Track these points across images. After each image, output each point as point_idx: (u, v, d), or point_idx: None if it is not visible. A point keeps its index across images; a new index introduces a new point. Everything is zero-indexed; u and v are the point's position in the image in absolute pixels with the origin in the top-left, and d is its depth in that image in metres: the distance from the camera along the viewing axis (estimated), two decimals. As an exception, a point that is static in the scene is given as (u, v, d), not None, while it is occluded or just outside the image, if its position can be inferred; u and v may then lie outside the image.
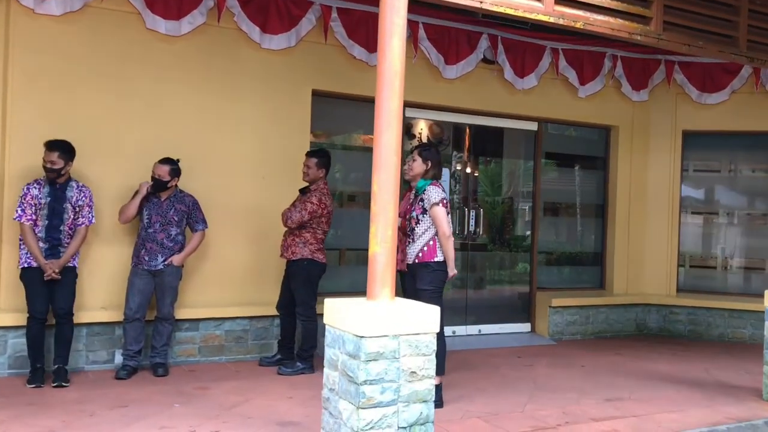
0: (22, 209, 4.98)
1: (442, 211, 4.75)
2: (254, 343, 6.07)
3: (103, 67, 5.58)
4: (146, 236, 5.39)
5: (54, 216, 5.06)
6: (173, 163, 5.45)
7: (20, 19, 5.30)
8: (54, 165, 5.01)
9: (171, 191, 5.48)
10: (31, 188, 5.03)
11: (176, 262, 5.44)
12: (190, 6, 5.73)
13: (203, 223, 5.58)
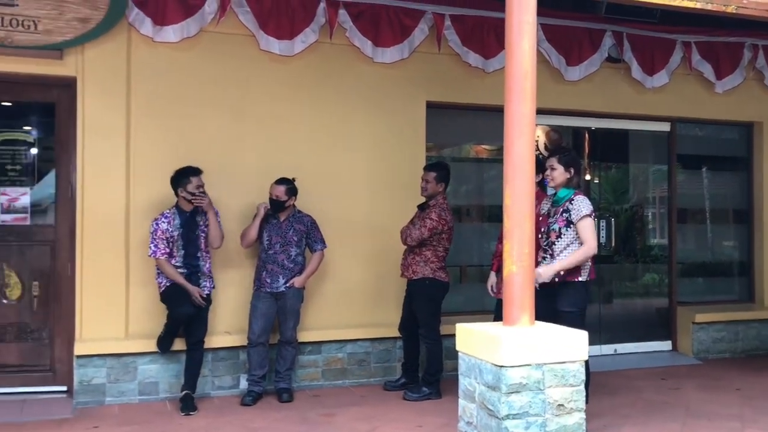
0: (155, 245, 5.00)
1: (591, 224, 4.35)
2: (377, 366, 5.86)
3: (219, 90, 5.59)
4: (267, 258, 5.31)
5: (189, 244, 5.09)
6: (289, 183, 5.36)
7: (140, 48, 5.39)
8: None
9: (289, 211, 5.38)
10: (160, 222, 5.04)
11: (298, 284, 5.32)
12: (302, 25, 5.64)
13: (322, 243, 5.45)
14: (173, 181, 5.11)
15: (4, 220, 5.33)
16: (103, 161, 5.27)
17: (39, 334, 5.35)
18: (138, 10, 5.26)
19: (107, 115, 5.28)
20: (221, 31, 5.52)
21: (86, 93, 5.25)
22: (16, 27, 4.98)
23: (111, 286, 5.24)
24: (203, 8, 5.38)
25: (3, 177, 5.41)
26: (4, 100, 5.52)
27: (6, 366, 5.28)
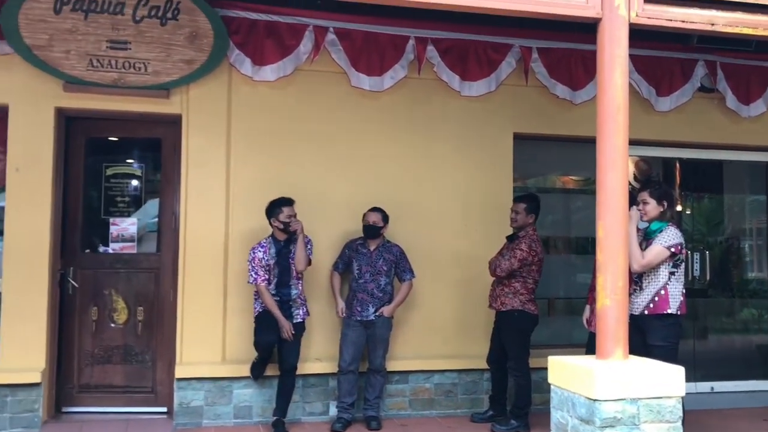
0: (255, 272, 5.18)
1: (661, 252, 4.27)
2: (464, 398, 5.86)
3: (312, 125, 5.82)
4: (357, 287, 5.44)
5: (283, 272, 5.25)
6: (383, 211, 5.50)
7: (240, 86, 5.69)
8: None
9: (379, 241, 5.51)
10: (256, 251, 5.23)
11: (387, 313, 5.41)
12: (392, 61, 5.82)
13: (411, 273, 5.54)
14: (267, 212, 5.30)
15: (114, 248, 5.70)
16: (205, 193, 5.57)
17: (143, 357, 5.65)
18: (239, 51, 5.57)
19: (209, 149, 5.59)
20: (314, 69, 5.77)
21: (190, 129, 5.58)
22: (129, 69, 5.38)
23: (210, 313, 5.49)
24: (299, 48, 5.65)
25: (113, 208, 5.80)
26: (116, 136, 5.95)
27: (112, 386, 5.60)
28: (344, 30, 5.74)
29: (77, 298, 5.59)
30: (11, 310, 5.21)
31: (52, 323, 5.39)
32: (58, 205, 5.48)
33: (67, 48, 5.24)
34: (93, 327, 5.58)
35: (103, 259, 5.69)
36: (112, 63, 5.33)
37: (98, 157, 5.83)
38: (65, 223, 5.57)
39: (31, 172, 5.30)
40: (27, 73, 5.27)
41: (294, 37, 5.65)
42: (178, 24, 5.40)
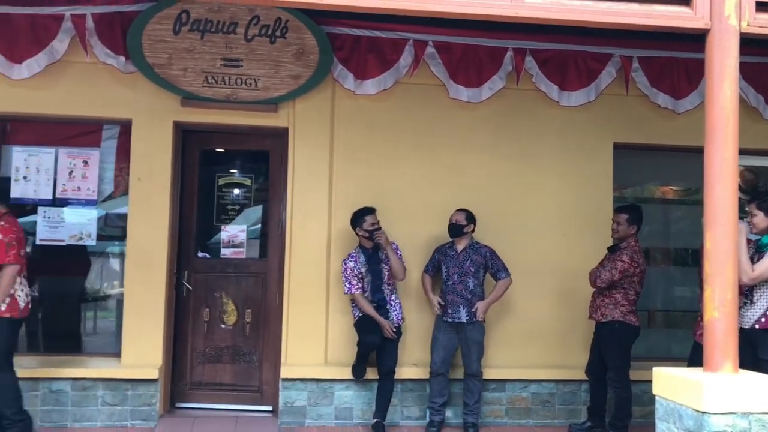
0: (348, 282, 5.40)
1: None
2: (561, 408, 5.84)
3: (411, 137, 5.98)
4: (446, 289, 5.53)
5: (375, 278, 5.44)
6: (469, 211, 5.58)
7: (342, 100, 5.93)
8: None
9: (466, 242, 5.54)
10: (348, 261, 5.44)
11: (480, 310, 5.43)
12: (490, 73, 5.91)
13: (505, 271, 5.53)
14: (352, 222, 5.49)
15: (224, 254, 6.03)
16: (309, 202, 5.82)
17: (250, 357, 5.94)
18: (342, 66, 5.80)
19: (313, 161, 5.85)
20: (413, 82, 5.93)
21: (296, 141, 5.86)
22: (240, 85, 5.70)
23: (313, 316, 5.73)
24: (399, 62, 5.82)
25: (224, 216, 6.14)
26: (228, 148, 6.30)
27: (221, 384, 5.92)
28: (443, 43, 5.87)
29: (191, 300, 5.96)
30: (132, 310, 5.61)
31: (168, 323, 5.76)
32: (175, 212, 5.86)
33: (185, 66, 5.62)
34: (205, 328, 5.93)
35: (215, 264, 6.04)
36: (226, 79, 5.67)
37: (211, 168, 6.20)
38: (181, 229, 5.95)
39: (152, 181, 5.70)
40: (148, 90, 5.67)
41: (395, 52, 5.83)
42: (286, 42, 5.68)
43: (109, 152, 5.88)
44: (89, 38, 5.45)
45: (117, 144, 5.89)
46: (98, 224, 5.93)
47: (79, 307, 6.99)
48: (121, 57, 5.52)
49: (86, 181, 5.78)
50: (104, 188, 5.90)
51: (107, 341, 6.35)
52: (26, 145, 5.76)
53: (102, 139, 5.88)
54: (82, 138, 5.85)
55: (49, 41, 5.40)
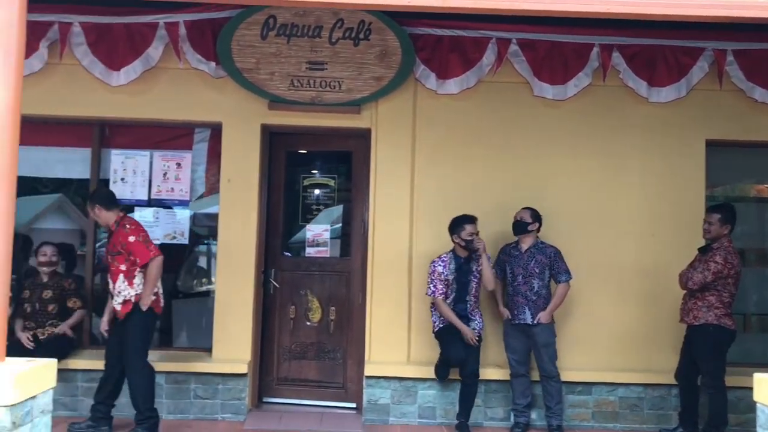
0: (433, 285, 5.30)
1: None
2: (650, 413, 5.68)
3: (494, 136, 5.94)
4: (512, 290, 5.45)
5: (461, 288, 5.35)
6: (533, 209, 5.47)
7: (424, 100, 5.95)
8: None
9: (531, 241, 5.44)
10: (437, 265, 5.33)
11: (543, 319, 5.32)
12: (576, 69, 5.81)
13: (566, 274, 5.39)
14: (450, 228, 5.39)
15: (309, 253, 6.16)
16: (391, 202, 5.87)
17: (334, 355, 6.05)
18: (424, 66, 5.83)
19: (395, 161, 5.90)
20: (496, 80, 5.89)
21: (378, 142, 5.92)
22: (325, 88, 5.81)
23: (395, 315, 5.78)
24: (482, 60, 5.80)
25: (309, 216, 6.28)
26: (312, 149, 6.43)
27: (307, 381, 6.05)
28: (527, 40, 5.81)
29: (277, 297, 6.11)
30: (223, 307, 5.81)
31: (257, 320, 5.93)
32: (262, 212, 6.02)
33: (272, 70, 5.76)
34: (291, 325, 6.07)
35: (300, 262, 6.17)
36: (311, 82, 5.79)
37: (296, 169, 6.35)
38: (268, 229, 6.11)
39: (240, 182, 5.88)
40: (237, 94, 5.85)
41: (477, 50, 5.81)
42: (370, 43, 5.75)
43: (200, 154, 6.10)
44: (182, 45, 5.67)
45: (208, 146, 6.10)
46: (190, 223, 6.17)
47: (170, 303, 7.30)
48: (211, 62, 5.72)
49: (179, 182, 6.02)
50: (196, 189, 6.12)
51: (197, 336, 6.60)
52: (123, 149, 6.05)
53: (194, 142, 6.11)
54: (175, 141, 6.10)
55: (144, 49, 5.66)
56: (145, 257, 4.91)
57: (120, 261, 4.97)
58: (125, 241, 4.93)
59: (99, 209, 5.06)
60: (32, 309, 5.60)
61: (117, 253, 4.98)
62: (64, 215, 9.54)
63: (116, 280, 4.98)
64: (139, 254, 4.91)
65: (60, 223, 9.49)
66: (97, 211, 5.06)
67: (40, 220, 9.39)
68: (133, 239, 4.93)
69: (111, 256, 5.04)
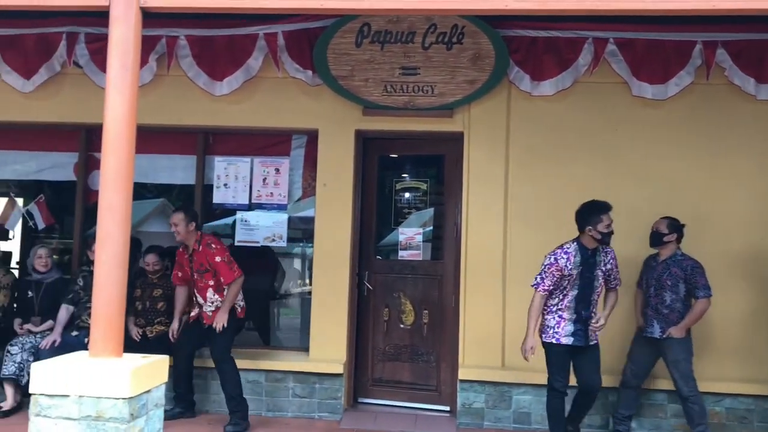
0: (542, 278, 4.70)
1: None
2: (761, 425, 5.41)
3: (589, 138, 5.83)
4: (645, 302, 5.26)
5: (585, 285, 4.72)
6: (674, 219, 5.19)
7: (518, 102, 5.91)
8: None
9: (669, 252, 5.18)
10: (559, 257, 4.67)
11: (675, 333, 5.06)
12: (677, 68, 5.62)
13: (704, 290, 5.05)
14: (583, 218, 4.76)
15: (402, 255, 6.22)
16: (484, 205, 5.86)
17: (427, 357, 6.08)
18: (518, 68, 5.79)
19: (489, 164, 5.88)
20: (592, 81, 5.79)
21: (471, 145, 5.92)
22: (418, 92, 5.87)
23: (489, 319, 5.76)
24: (577, 61, 5.71)
25: (401, 219, 6.34)
26: (404, 153, 6.51)
27: (400, 382, 6.10)
28: (625, 39, 5.68)
29: (371, 299, 6.21)
30: (319, 308, 5.96)
31: (351, 321, 6.04)
32: (357, 215, 6.14)
33: (366, 76, 5.87)
34: (384, 327, 6.15)
35: (394, 265, 6.25)
36: (404, 88, 5.86)
37: (388, 172, 6.44)
38: (362, 232, 6.22)
39: (336, 187, 6.02)
40: (333, 101, 6.00)
41: (573, 51, 5.72)
42: (463, 47, 5.77)
43: (297, 160, 6.29)
44: (280, 55, 5.87)
45: (304, 152, 6.28)
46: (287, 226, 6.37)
47: (268, 303, 7.57)
48: (308, 71, 5.89)
49: (278, 187, 6.22)
50: (293, 193, 6.31)
51: (293, 336, 6.80)
52: (226, 155, 6.31)
53: (291, 148, 6.30)
54: (274, 147, 6.31)
55: (245, 59, 5.90)
56: (228, 278, 5.32)
57: (208, 277, 5.41)
58: (212, 260, 5.34)
59: (190, 225, 5.40)
60: (143, 307, 5.92)
61: (205, 271, 5.41)
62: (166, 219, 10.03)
63: (206, 293, 5.43)
64: (224, 275, 5.33)
65: (163, 226, 9.97)
66: (188, 226, 5.38)
67: (144, 223, 9.93)
68: (219, 260, 5.33)
69: (198, 273, 5.44)
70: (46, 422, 3.33)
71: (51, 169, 6.52)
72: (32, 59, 6.04)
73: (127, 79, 3.60)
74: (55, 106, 6.23)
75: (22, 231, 7.36)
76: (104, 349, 3.51)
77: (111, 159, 3.55)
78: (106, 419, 3.30)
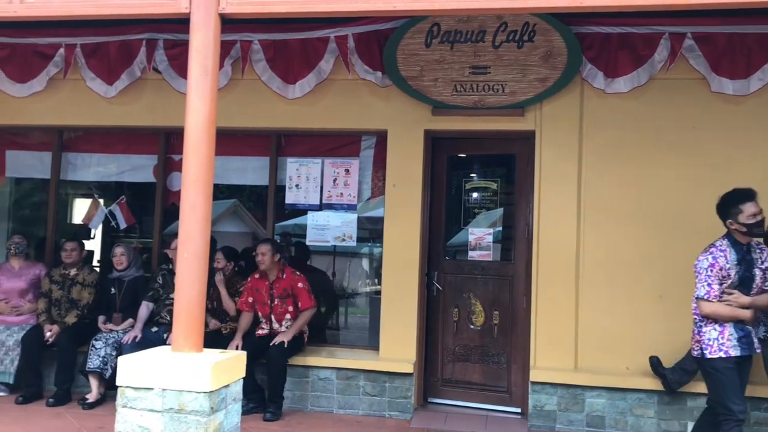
0: (709, 284, 4.07)
1: None
2: None
3: (666, 136, 5.67)
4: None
5: (742, 285, 4.14)
6: None
7: (591, 100, 5.80)
8: None
9: None
10: (716, 257, 4.11)
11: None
12: (760, 61, 5.41)
13: None
14: (720, 211, 4.34)
15: (472, 256, 6.20)
16: (557, 205, 5.77)
17: (498, 359, 6.03)
18: (591, 65, 5.68)
19: (561, 163, 5.79)
20: (668, 77, 5.63)
21: (543, 144, 5.84)
22: (488, 91, 5.83)
23: (561, 321, 5.67)
24: (653, 57, 5.56)
25: (470, 219, 6.32)
26: (474, 153, 6.48)
27: (470, 383, 6.08)
28: (703, 34, 5.50)
29: (441, 299, 6.21)
30: (388, 308, 5.99)
31: (421, 321, 6.05)
32: (426, 215, 6.15)
33: (435, 77, 5.88)
34: (454, 327, 6.14)
35: (463, 266, 6.22)
36: (474, 87, 5.83)
37: (458, 172, 6.42)
38: (431, 232, 6.22)
39: (405, 187, 6.04)
40: (402, 102, 6.03)
41: (648, 47, 5.58)
42: (534, 45, 5.70)
43: (367, 161, 6.35)
44: (350, 57, 5.94)
45: (374, 153, 6.34)
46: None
47: (337, 302, 7.67)
48: (378, 72, 5.94)
49: (348, 187, 6.30)
50: (362, 193, 6.37)
51: (361, 335, 6.86)
52: (297, 157, 6.43)
53: (361, 149, 6.37)
54: (344, 149, 6.39)
55: (317, 62, 5.99)
56: (306, 304, 5.82)
57: (288, 303, 5.85)
58: (295, 285, 5.83)
59: (276, 256, 5.83)
60: (211, 306, 6.07)
61: (287, 296, 5.84)
62: (238, 219, 10.28)
63: (283, 318, 5.85)
64: (302, 300, 5.82)
65: (234, 226, 10.24)
66: (273, 256, 5.81)
67: (217, 223, 10.20)
68: (302, 286, 5.83)
69: (280, 299, 5.84)
70: (132, 413, 3.48)
71: (131, 171, 6.80)
72: (114, 66, 6.29)
73: (207, 83, 3.72)
74: (136, 111, 6.48)
75: (103, 230, 7.67)
76: (185, 344, 3.63)
77: (192, 160, 3.67)
78: (188, 412, 3.41)
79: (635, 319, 5.57)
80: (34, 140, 7.02)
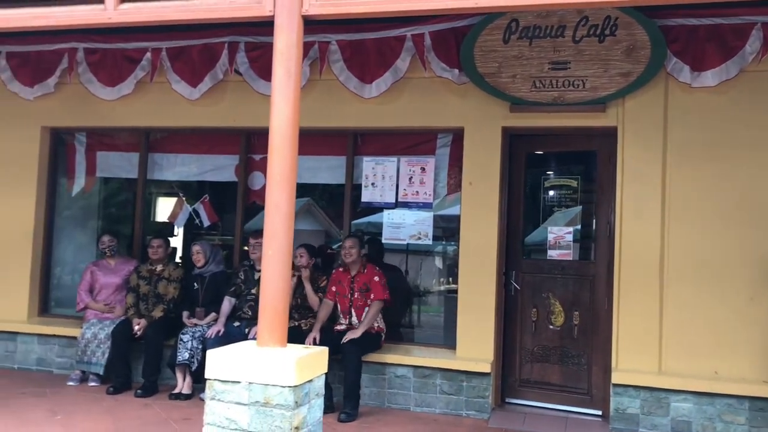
0: None
1: None
2: None
3: (758, 132, 5.43)
4: None
5: None
6: None
7: (676, 94, 5.62)
8: None
9: None
10: None
11: None
12: None
13: None
14: None
15: (551, 255, 6.09)
16: (640, 204, 5.61)
17: (578, 360, 5.92)
18: (676, 59, 5.49)
19: (645, 160, 5.62)
20: (761, 69, 5.39)
21: (625, 140, 5.69)
22: (568, 87, 5.72)
23: (645, 322, 5.50)
24: (744, 49, 5.33)
25: (548, 217, 6.21)
26: (553, 150, 6.36)
27: (549, 384, 5.98)
28: (800, 23, 5.23)
29: (519, 299, 6.13)
30: (465, 307, 5.96)
31: (499, 321, 6.00)
32: (503, 214, 6.08)
33: (514, 73, 5.81)
34: (532, 327, 6.06)
35: (542, 265, 6.13)
36: (553, 83, 5.73)
37: (536, 170, 6.33)
38: (508, 230, 6.15)
39: (482, 185, 5.99)
40: (479, 99, 5.98)
41: (739, 38, 5.35)
42: (616, 39, 5.56)
43: (442, 159, 6.34)
44: (427, 55, 5.93)
45: (450, 151, 6.32)
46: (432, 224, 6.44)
47: (411, 300, 7.67)
48: (455, 69, 5.91)
49: (423, 186, 6.30)
50: (438, 192, 6.36)
51: (435, 333, 6.84)
52: (374, 155, 6.48)
53: (437, 147, 6.36)
54: (420, 147, 6.40)
55: (393, 61, 6.01)
56: (379, 294, 5.90)
57: (368, 297, 5.96)
58: (373, 278, 5.95)
59: (363, 251, 6.03)
60: (295, 302, 6.18)
61: (366, 290, 5.97)
62: (311, 217, 10.42)
63: (362, 312, 5.95)
64: (376, 291, 5.92)
65: (308, 224, 10.38)
66: (360, 251, 5.99)
67: (292, 221, 10.34)
68: (378, 279, 5.94)
69: (361, 292, 5.98)
70: (220, 406, 3.58)
71: (214, 170, 7.00)
72: (198, 68, 6.48)
73: (291, 84, 3.79)
74: (218, 112, 6.67)
75: (184, 228, 7.93)
76: (270, 339, 3.71)
77: (277, 160, 3.75)
78: (273, 405, 3.49)
79: (724, 321, 5.36)
80: (122, 141, 7.32)
